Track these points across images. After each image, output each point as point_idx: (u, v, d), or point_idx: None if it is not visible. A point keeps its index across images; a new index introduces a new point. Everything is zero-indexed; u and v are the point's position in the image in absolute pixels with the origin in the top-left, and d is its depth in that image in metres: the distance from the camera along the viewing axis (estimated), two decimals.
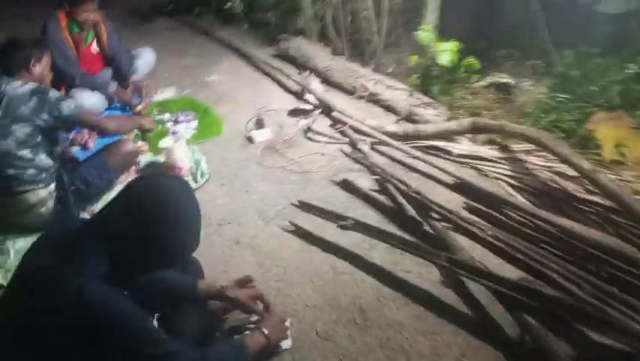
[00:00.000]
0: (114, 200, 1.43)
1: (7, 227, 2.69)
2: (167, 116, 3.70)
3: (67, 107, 2.58)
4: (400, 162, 2.87)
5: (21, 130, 2.49)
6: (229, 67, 4.41)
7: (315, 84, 3.78)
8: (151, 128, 3.25)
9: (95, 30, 3.77)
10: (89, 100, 3.67)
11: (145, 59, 4.08)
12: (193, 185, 2.93)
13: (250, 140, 3.33)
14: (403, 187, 2.57)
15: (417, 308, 2.01)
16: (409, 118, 3.23)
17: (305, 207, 2.58)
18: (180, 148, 3.06)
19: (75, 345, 1.29)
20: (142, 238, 1.34)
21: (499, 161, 2.77)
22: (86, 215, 2.80)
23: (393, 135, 3.05)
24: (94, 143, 3.43)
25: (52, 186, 2.65)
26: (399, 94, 3.38)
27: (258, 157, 3.15)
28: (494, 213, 2.38)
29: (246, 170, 3.05)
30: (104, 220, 1.40)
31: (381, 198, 2.63)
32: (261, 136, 3.32)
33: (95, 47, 3.82)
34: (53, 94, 2.57)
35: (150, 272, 1.47)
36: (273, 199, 2.75)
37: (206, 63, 4.50)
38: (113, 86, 3.78)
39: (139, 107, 3.72)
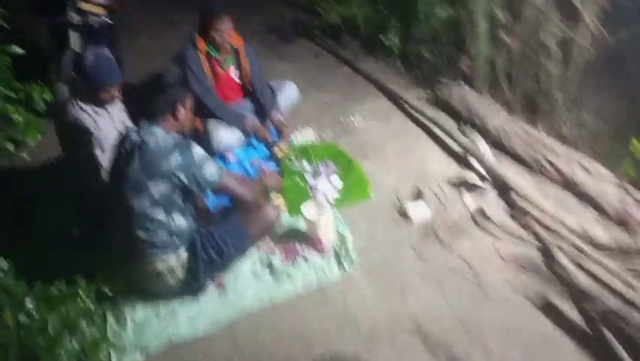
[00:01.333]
0: None
1: (127, 291, 2.37)
2: (305, 165, 3.25)
3: (211, 172, 2.20)
4: (614, 290, 2.14)
5: (158, 188, 2.15)
6: (375, 109, 3.87)
7: (484, 149, 3.13)
8: (277, 187, 2.81)
9: (236, 57, 3.42)
10: (226, 136, 3.34)
11: (287, 94, 3.65)
12: (335, 272, 2.43)
13: (404, 215, 2.76)
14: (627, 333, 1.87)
15: None
16: (620, 222, 2.48)
17: None
18: (326, 221, 2.57)
19: None
20: None
21: None
22: (213, 285, 2.41)
23: (602, 246, 2.33)
24: None
25: (183, 252, 2.30)
26: (603, 184, 2.64)
27: (415, 243, 2.58)
28: None
29: (400, 259, 2.49)
30: None
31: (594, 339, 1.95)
32: (417, 213, 2.74)
33: (234, 73, 3.47)
34: (198, 153, 2.19)
35: None
36: (439, 315, 2.17)
37: (350, 101, 4.00)
38: (252, 121, 3.41)
39: (278, 150, 3.32)
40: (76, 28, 3.57)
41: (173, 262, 2.27)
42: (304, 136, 3.59)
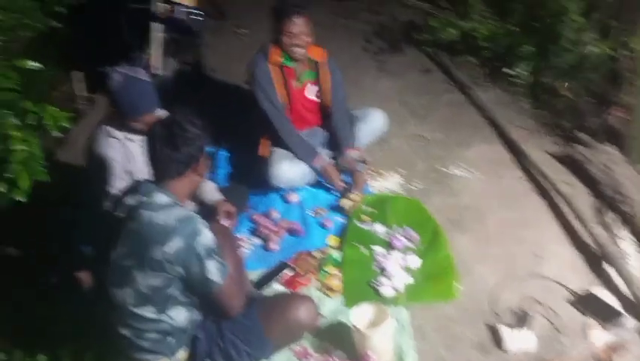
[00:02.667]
0: None
1: None
2: (378, 228, 2.53)
3: (216, 270, 1.64)
4: None
5: (146, 281, 1.62)
6: (485, 158, 3.02)
7: (632, 254, 2.22)
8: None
9: (316, 72, 2.77)
10: (289, 173, 2.72)
11: (371, 125, 2.87)
12: None
13: (497, 340, 1.97)
14: None
15: None
16: None
17: None
18: (382, 335, 1.87)
19: None
20: None
21: None
22: None
23: None
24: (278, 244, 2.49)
25: (180, 354, 1.75)
26: None
27: None
28: None
29: None
30: None
31: None
32: (517, 344, 1.94)
33: (311, 91, 2.82)
34: (204, 239, 1.61)
35: None
36: None
37: (454, 142, 3.17)
38: (323, 157, 2.75)
39: (347, 203, 2.63)
40: (160, 20, 3.10)
41: None
42: (386, 184, 2.87)
